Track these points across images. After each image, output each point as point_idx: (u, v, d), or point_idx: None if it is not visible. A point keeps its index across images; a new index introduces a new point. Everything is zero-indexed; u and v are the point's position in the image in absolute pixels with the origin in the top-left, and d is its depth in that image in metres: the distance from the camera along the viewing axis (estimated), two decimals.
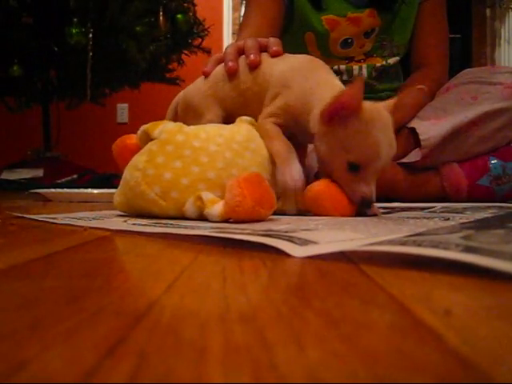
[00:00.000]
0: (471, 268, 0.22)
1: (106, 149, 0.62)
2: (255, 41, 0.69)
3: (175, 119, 0.73)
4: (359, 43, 1.03)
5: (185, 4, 2.01)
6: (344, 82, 1.03)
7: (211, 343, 0.15)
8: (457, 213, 0.56)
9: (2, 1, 1.55)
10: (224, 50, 0.73)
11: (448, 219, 0.49)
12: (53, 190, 1.09)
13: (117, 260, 0.34)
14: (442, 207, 0.66)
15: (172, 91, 0.75)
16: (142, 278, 0.26)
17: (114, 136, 0.67)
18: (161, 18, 1.82)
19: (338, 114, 0.51)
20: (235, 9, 3.05)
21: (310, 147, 0.66)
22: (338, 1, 1.00)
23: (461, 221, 0.46)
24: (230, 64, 0.68)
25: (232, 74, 0.68)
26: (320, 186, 0.54)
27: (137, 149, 0.56)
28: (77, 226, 0.47)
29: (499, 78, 0.91)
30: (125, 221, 0.50)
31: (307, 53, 1.04)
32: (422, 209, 0.65)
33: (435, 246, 0.25)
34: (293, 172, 0.56)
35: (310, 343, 0.15)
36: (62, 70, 1.87)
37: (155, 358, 0.13)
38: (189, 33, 2.04)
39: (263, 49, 0.69)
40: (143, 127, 0.57)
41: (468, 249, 0.24)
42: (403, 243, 0.28)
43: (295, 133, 0.61)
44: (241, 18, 1.13)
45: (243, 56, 0.69)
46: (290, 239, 0.32)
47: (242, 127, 0.60)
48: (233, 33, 2.97)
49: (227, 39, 2.99)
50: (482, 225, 0.39)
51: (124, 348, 0.14)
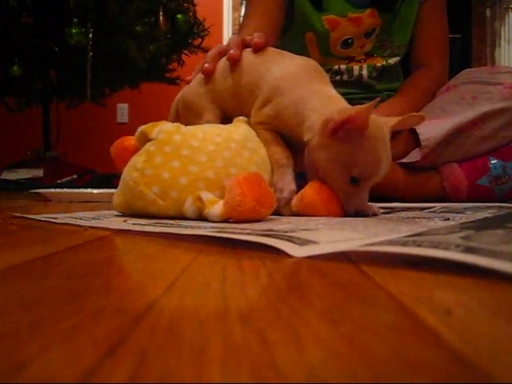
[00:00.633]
0: (471, 268, 0.22)
1: (106, 149, 0.62)
2: (238, 38, 0.70)
3: (177, 119, 0.73)
4: (359, 43, 1.03)
5: (185, 4, 2.01)
6: (344, 82, 1.05)
7: (211, 343, 0.15)
8: (457, 213, 0.56)
9: (2, 1, 1.55)
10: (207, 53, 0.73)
11: (448, 219, 0.49)
12: (53, 190, 1.09)
13: (117, 260, 0.34)
14: (442, 207, 0.66)
15: (172, 91, 0.75)
16: (142, 278, 0.26)
17: (114, 136, 0.67)
18: (161, 18, 1.82)
19: (344, 129, 0.52)
20: (235, 9, 3.05)
21: None
22: (339, 1, 1.00)
23: (461, 221, 0.46)
24: (206, 65, 0.68)
25: (208, 76, 0.68)
26: (312, 193, 0.55)
27: (135, 150, 0.56)
28: (77, 226, 0.47)
29: (499, 78, 0.91)
30: (125, 220, 0.50)
31: (307, 53, 1.04)
32: (422, 209, 0.65)
33: (435, 246, 0.25)
34: (285, 183, 0.57)
35: (310, 343, 0.15)
36: (62, 70, 1.87)
37: (155, 358, 0.13)
38: (189, 33, 2.04)
39: (248, 45, 0.68)
40: (141, 128, 0.57)
41: (468, 249, 0.24)
42: (403, 243, 0.28)
43: (286, 138, 0.61)
44: (241, 18, 1.13)
45: (245, 52, 0.68)
46: (290, 239, 0.32)
47: (240, 127, 0.60)
48: (233, 33, 2.97)
49: (227, 39, 2.99)
50: (482, 225, 0.39)
51: (124, 348, 0.14)
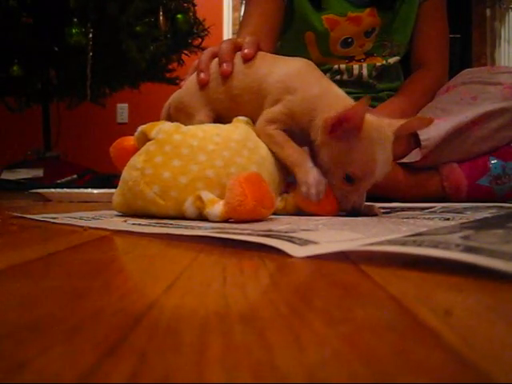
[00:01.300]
0: (471, 268, 0.22)
1: (106, 149, 0.62)
2: (230, 44, 0.69)
3: (168, 120, 0.72)
4: (359, 43, 1.03)
5: (185, 4, 2.01)
6: (344, 82, 1.05)
7: (211, 343, 0.15)
8: (457, 213, 0.56)
9: (2, 1, 1.55)
10: (199, 56, 0.72)
11: (448, 219, 0.49)
12: (53, 190, 1.09)
13: (117, 260, 0.34)
14: (442, 207, 0.66)
15: (172, 91, 0.75)
16: (142, 278, 0.26)
17: (114, 136, 0.67)
18: (161, 18, 1.81)
19: (341, 128, 0.53)
20: (235, 9, 3.05)
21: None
22: (338, 0, 1.00)
23: (461, 221, 0.46)
24: (202, 76, 0.67)
25: (203, 86, 0.67)
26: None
27: (134, 150, 0.56)
28: (77, 226, 0.47)
29: (499, 78, 0.91)
30: (125, 221, 0.50)
31: (307, 52, 1.05)
32: (422, 209, 0.65)
33: (435, 246, 0.25)
34: (317, 180, 0.56)
35: (310, 343, 0.15)
36: (62, 70, 1.87)
37: (155, 358, 0.13)
38: (189, 33, 2.04)
39: (240, 49, 0.68)
40: (141, 128, 0.57)
41: (468, 249, 0.24)
42: (403, 243, 0.28)
43: (295, 136, 0.61)
44: (241, 18, 1.13)
45: (238, 55, 0.68)
46: (290, 239, 0.32)
47: (239, 127, 0.60)
48: (233, 33, 2.97)
49: None
50: (482, 225, 0.39)
51: (124, 348, 0.14)
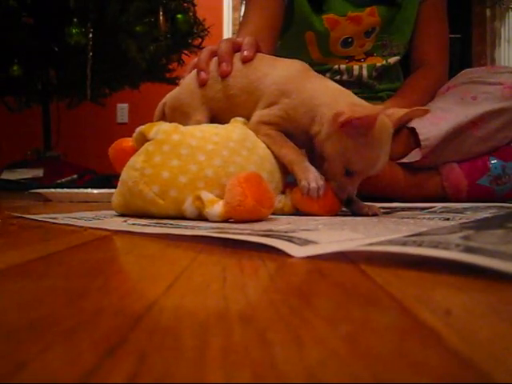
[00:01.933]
0: (471, 268, 0.22)
1: (106, 149, 0.62)
2: (229, 44, 0.68)
3: (162, 120, 0.72)
4: (359, 42, 1.03)
5: (185, 4, 2.01)
6: (344, 82, 1.05)
7: (211, 343, 0.15)
8: (457, 213, 0.56)
9: (2, 1, 1.55)
10: (198, 55, 0.72)
11: (448, 219, 0.49)
12: (53, 190, 1.09)
13: (117, 260, 0.34)
14: (442, 207, 0.66)
15: None
16: (142, 278, 0.26)
17: (114, 136, 0.67)
18: (161, 18, 1.81)
19: (352, 125, 0.53)
20: (235, 9, 3.05)
21: None
22: (339, 0, 1.00)
23: (461, 221, 0.46)
24: (202, 75, 0.67)
25: (203, 85, 0.67)
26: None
27: (133, 151, 0.56)
28: (77, 226, 0.47)
29: (499, 78, 0.91)
30: (125, 221, 0.50)
31: (307, 52, 1.05)
32: (422, 209, 0.65)
33: (435, 246, 0.25)
34: (316, 176, 0.57)
35: (310, 343, 0.15)
36: (62, 70, 1.87)
37: (155, 359, 0.13)
38: (189, 33, 2.04)
39: (239, 48, 0.68)
40: (139, 128, 0.57)
41: (468, 249, 0.24)
42: (403, 243, 0.28)
43: (290, 138, 0.62)
44: (241, 18, 1.13)
45: (236, 55, 0.68)
46: (290, 239, 0.32)
47: (238, 127, 0.60)
48: (233, 33, 2.97)
49: None
50: (482, 225, 0.39)
51: (124, 348, 0.14)
